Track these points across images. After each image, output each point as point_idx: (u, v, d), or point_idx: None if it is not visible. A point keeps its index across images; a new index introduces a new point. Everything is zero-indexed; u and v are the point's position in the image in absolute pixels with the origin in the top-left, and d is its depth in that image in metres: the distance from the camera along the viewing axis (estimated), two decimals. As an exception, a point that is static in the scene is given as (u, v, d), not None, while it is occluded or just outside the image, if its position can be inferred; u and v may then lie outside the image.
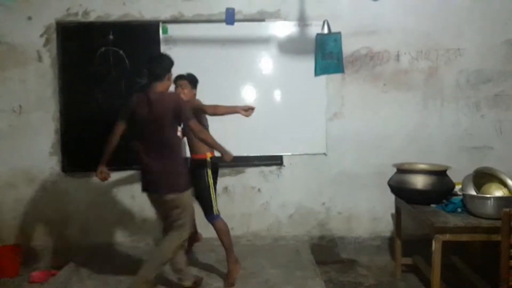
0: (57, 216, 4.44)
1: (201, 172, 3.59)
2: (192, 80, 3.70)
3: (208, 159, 3.60)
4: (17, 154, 4.36)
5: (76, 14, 4.30)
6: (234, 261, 3.67)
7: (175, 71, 3.66)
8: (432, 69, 4.41)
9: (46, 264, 4.34)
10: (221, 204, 4.42)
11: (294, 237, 4.50)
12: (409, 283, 3.78)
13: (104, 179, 3.34)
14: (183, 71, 3.67)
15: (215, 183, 3.65)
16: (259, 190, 4.49)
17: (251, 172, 4.47)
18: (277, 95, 4.39)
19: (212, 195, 3.59)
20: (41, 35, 4.31)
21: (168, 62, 3.27)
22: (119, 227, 4.42)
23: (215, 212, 3.58)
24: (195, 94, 3.72)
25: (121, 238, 4.44)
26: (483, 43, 4.37)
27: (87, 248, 4.39)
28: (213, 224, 3.63)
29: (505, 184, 3.10)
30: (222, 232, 3.60)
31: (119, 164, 4.04)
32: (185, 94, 3.61)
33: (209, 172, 3.60)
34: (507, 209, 2.56)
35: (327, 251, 4.43)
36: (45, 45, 4.32)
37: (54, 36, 4.30)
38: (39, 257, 4.38)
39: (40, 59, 4.33)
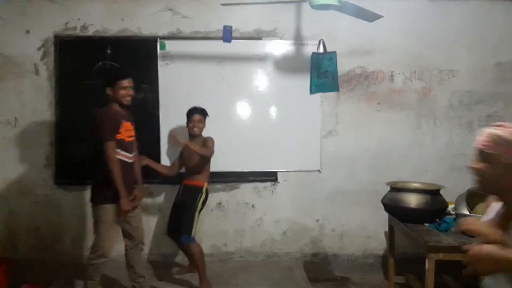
0: (49, 229, 4.40)
1: (195, 195, 3.75)
2: (205, 114, 3.92)
3: (205, 188, 3.80)
4: (11, 166, 4.33)
5: (75, 28, 4.33)
6: (207, 285, 3.69)
7: (172, 86, 3.72)
8: (425, 89, 4.48)
9: (36, 278, 4.28)
10: (214, 219, 4.46)
11: (287, 254, 4.49)
12: (402, 302, 3.77)
13: (135, 206, 3.39)
14: (180, 87, 3.72)
15: (201, 209, 3.79)
16: (253, 206, 4.49)
17: (245, 188, 4.48)
18: (273, 112, 4.42)
19: (195, 218, 3.71)
20: (39, 48, 4.33)
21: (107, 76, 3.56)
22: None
23: (193, 234, 3.67)
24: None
25: (113, 252, 4.39)
26: (475, 65, 4.46)
27: (79, 262, 4.35)
28: (187, 246, 3.72)
29: (497, 204, 3.12)
30: (197, 256, 3.67)
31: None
32: (200, 128, 3.86)
33: (202, 197, 3.77)
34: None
35: (320, 269, 4.42)
36: (42, 58, 4.33)
37: (51, 49, 4.32)
38: (29, 271, 4.32)
39: (37, 72, 4.33)
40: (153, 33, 4.34)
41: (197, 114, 3.85)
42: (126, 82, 3.31)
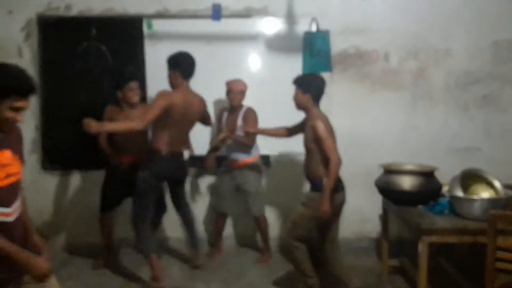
0: (36, 215, 4.29)
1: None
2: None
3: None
4: (-5, 151, 4.24)
5: (58, 8, 4.20)
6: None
7: (160, 68, 3.62)
8: (420, 69, 4.38)
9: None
10: (207, 203, 4.40)
11: (280, 238, 4.44)
12: (396, 285, 3.74)
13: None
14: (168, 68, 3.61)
15: None
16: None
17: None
18: (264, 93, 4.31)
19: None
20: (22, 30, 4.21)
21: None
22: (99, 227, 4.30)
23: None
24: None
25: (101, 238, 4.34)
26: (472, 44, 4.35)
27: (67, 248, 4.30)
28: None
29: (492, 186, 3.07)
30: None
31: (101, 164, 3.99)
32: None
33: None
34: (494, 211, 2.54)
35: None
36: (25, 39, 4.22)
37: (35, 30, 4.20)
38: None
39: (20, 54, 4.23)
40: (139, 12, 4.21)
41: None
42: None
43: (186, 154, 3.68)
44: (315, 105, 3.30)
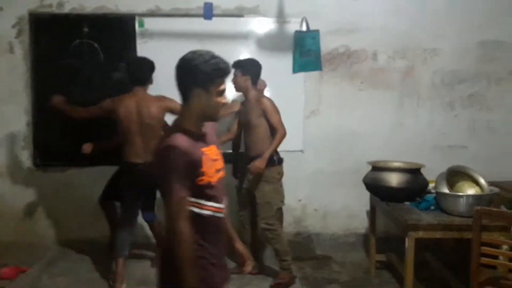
0: (28, 211, 4.34)
1: None
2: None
3: None
4: (-13, 148, 4.24)
5: (50, 5, 4.20)
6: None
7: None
8: (408, 68, 4.45)
9: (16, 260, 4.22)
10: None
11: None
12: (383, 280, 3.81)
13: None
14: (159, 66, 3.62)
15: None
16: (235, 187, 4.45)
17: (227, 169, 4.42)
18: (255, 91, 4.35)
19: None
20: (13, 26, 4.20)
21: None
22: (92, 223, 4.30)
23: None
24: None
25: (94, 234, 4.34)
26: (459, 44, 4.43)
27: (59, 244, 4.31)
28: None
29: (477, 183, 3.14)
30: None
31: (94, 160, 4.01)
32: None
33: None
34: (479, 207, 2.61)
35: (302, 248, 4.43)
36: (17, 36, 4.21)
37: (26, 27, 4.20)
38: (8, 253, 4.26)
39: (11, 50, 4.22)
40: (131, 10, 4.23)
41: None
42: None
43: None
44: (253, 87, 3.60)
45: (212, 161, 1.83)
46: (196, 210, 1.77)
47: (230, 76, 3.55)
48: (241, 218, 3.82)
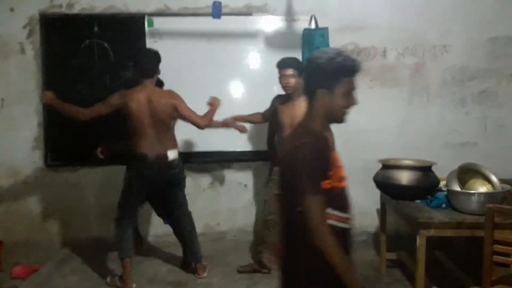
0: (40, 211, 4.37)
1: None
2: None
3: None
4: (-1, 148, 4.28)
5: (60, 6, 4.23)
6: None
7: (161, 64, 3.64)
8: (418, 65, 4.42)
9: (28, 259, 4.27)
10: (206, 199, 4.45)
11: (280, 232, 4.49)
12: (394, 278, 3.79)
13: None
14: (169, 65, 3.65)
15: None
16: (245, 185, 4.47)
17: (238, 167, 4.45)
18: (264, 89, 4.33)
19: None
20: (24, 27, 4.23)
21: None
22: (103, 222, 4.34)
23: None
24: None
25: (105, 233, 4.37)
26: (469, 40, 4.40)
27: (70, 244, 4.34)
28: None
29: (489, 180, 3.11)
30: None
31: (105, 160, 4.00)
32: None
33: None
34: (491, 205, 2.58)
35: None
36: (28, 37, 4.24)
37: (37, 28, 4.23)
38: (21, 252, 4.31)
39: (22, 51, 4.25)
40: (140, 9, 4.25)
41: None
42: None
43: (171, 155, 3.47)
44: None
45: (339, 167, 1.71)
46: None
47: (286, 73, 3.48)
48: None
